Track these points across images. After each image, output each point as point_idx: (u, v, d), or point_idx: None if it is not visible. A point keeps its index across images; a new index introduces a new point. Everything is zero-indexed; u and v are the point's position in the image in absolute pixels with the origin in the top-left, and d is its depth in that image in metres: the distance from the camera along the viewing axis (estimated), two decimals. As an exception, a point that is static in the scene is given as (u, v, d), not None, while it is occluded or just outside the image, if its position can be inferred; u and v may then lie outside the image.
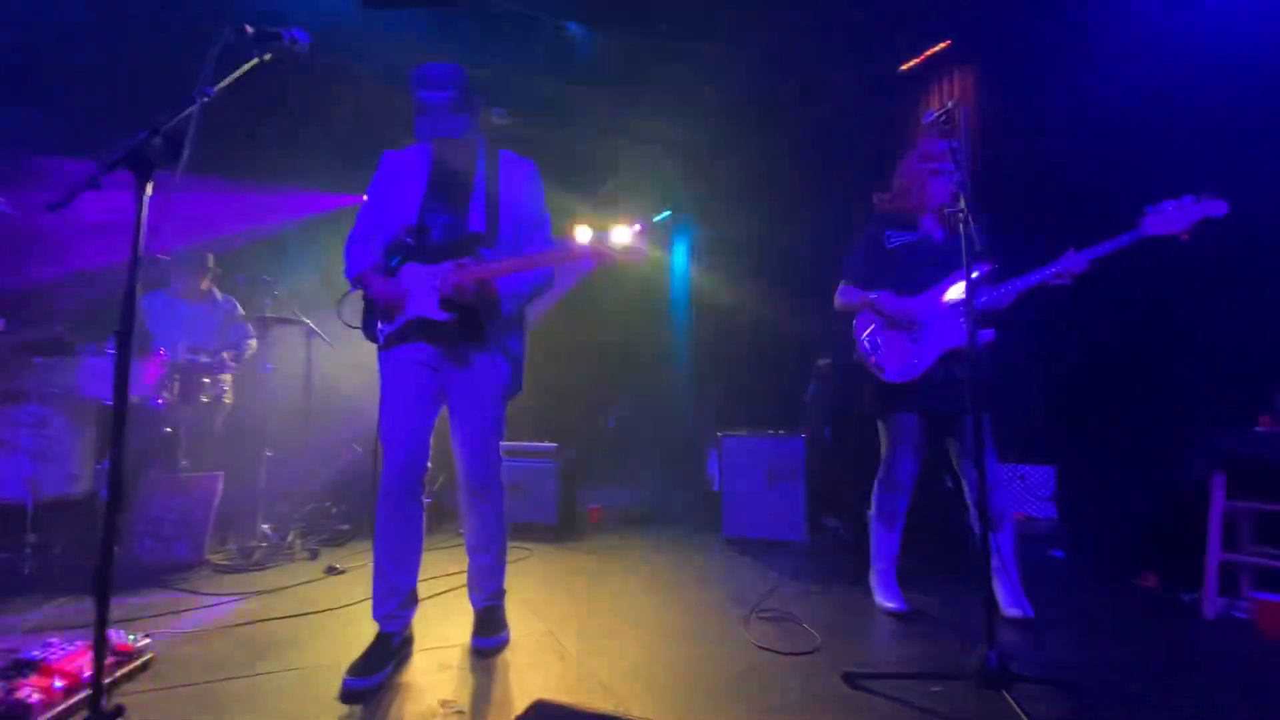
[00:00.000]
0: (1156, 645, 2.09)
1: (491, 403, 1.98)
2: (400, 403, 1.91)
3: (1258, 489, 2.33)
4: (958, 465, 2.44)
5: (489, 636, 1.99)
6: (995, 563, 2.26)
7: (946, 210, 1.77)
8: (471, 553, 2.06)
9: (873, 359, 2.41)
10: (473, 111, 1.96)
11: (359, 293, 2.02)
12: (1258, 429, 2.31)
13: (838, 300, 2.54)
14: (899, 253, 2.42)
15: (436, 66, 1.89)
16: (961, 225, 1.77)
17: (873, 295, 2.40)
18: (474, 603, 2.07)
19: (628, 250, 1.78)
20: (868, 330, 2.44)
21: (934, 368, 2.30)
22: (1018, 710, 1.49)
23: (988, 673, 1.59)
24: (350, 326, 2.05)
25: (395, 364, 1.93)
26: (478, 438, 1.97)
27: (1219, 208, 1.96)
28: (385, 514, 1.89)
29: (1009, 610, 2.23)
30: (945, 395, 2.30)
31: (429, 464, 1.94)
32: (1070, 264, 2.09)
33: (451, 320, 1.87)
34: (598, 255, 1.79)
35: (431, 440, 1.95)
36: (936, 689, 1.67)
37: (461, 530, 2.04)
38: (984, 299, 2.21)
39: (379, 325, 1.96)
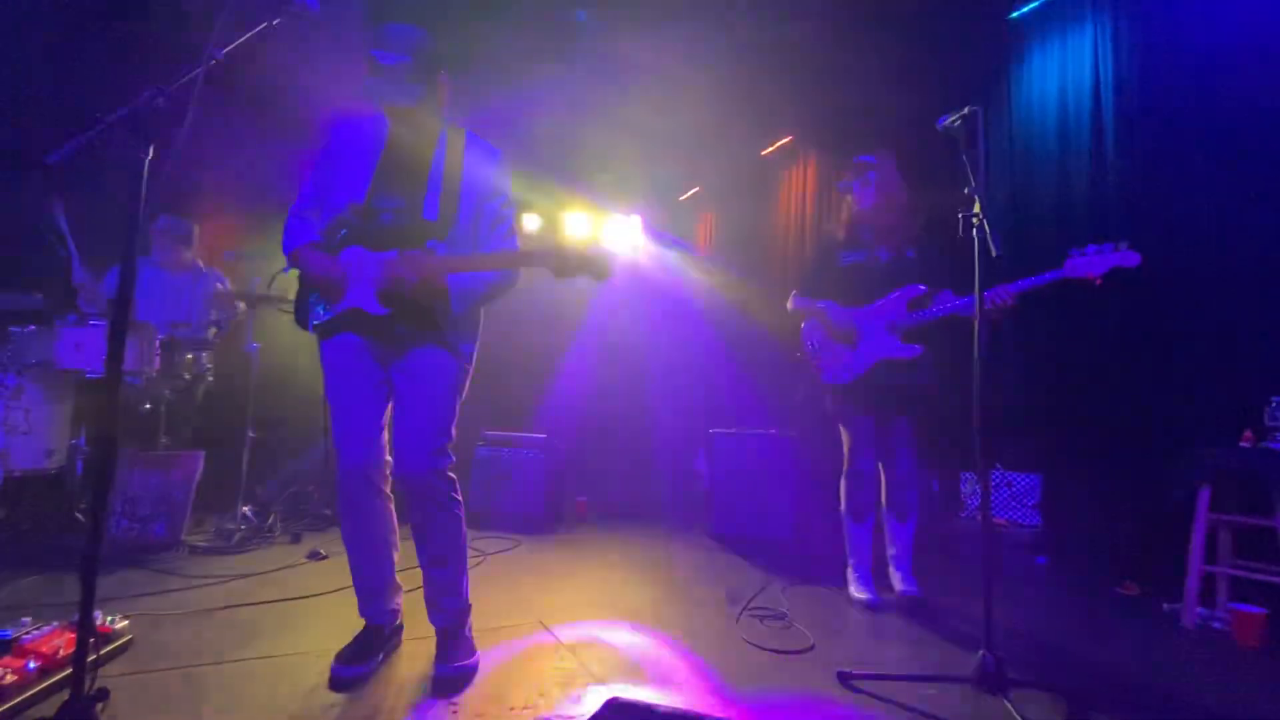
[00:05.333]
0: (1140, 654, 2.12)
1: (440, 399, 1.77)
2: (347, 394, 1.77)
3: (1239, 503, 2.39)
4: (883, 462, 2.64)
5: (452, 662, 1.72)
6: (894, 551, 2.54)
7: (962, 214, 1.77)
8: (427, 567, 1.80)
9: (814, 361, 2.61)
10: (431, 82, 1.77)
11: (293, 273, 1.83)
12: (1242, 444, 2.36)
13: (790, 305, 2.75)
14: (848, 271, 2.61)
15: (397, 27, 1.72)
16: (975, 232, 1.77)
17: (820, 305, 2.60)
18: (434, 622, 1.82)
19: (589, 264, 1.63)
20: (812, 335, 2.65)
21: (870, 373, 2.48)
22: (1016, 715, 1.50)
23: (986, 676, 1.60)
24: (282, 311, 1.89)
25: (336, 353, 1.78)
26: (426, 437, 1.73)
27: (1132, 259, 1.95)
28: (349, 514, 1.79)
29: (905, 589, 2.46)
30: (883, 399, 2.52)
31: (386, 455, 1.80)
32: (998, 295, 2.10)
33: (387, 315, 1.71)
34: (553, 266, 1.64)
35: (386, 431, 1.81)
36: (931, 690, 1.68)
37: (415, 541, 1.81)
38: (917, 317, 2.42)
39: (314, 312, 1.80)
